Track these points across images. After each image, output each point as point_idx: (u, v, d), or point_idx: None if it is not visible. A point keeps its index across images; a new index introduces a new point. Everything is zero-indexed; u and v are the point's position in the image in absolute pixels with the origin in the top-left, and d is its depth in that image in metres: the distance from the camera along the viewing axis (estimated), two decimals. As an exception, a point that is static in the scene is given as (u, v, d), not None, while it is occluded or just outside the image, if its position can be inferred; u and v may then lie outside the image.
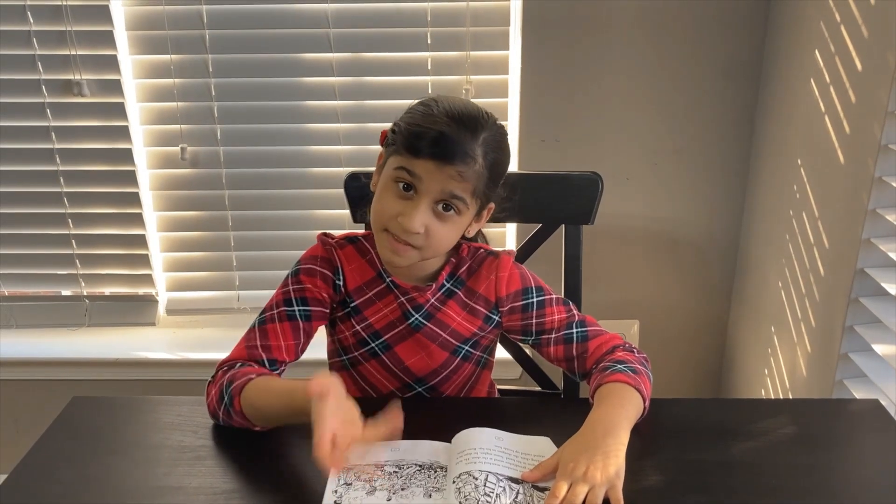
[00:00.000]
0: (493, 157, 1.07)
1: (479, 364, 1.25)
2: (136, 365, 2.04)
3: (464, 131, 1.04)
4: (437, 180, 1.04)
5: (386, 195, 1.08)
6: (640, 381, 1.07)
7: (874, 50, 1.33)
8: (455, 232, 1.11)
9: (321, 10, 1.83)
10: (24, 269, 2.07)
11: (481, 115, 1.08)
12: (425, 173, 1.04)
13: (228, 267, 2.06)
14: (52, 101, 1.90)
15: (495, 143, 1.08)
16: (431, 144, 1.03)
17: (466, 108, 1.08)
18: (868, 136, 1.34)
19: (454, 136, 1.04)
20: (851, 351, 1.43)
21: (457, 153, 1.03)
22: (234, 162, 1.96)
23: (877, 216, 1.34)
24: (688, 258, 2.00)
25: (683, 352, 2.09)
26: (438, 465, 1.00)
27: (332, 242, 1.20)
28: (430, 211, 1.06)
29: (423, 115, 1.06)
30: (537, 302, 1.18)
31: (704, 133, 1.88)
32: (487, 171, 1.07)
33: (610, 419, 1.00)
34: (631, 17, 1.78)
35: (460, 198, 1.06)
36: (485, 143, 1.06)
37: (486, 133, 1.06)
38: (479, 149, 1.05)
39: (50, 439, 1.08)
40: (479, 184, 1.07)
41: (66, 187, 1.97)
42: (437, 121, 1.04)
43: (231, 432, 1.09)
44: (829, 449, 1.06)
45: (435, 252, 1.11)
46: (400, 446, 1.03)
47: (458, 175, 1.04)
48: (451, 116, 1.05)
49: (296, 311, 1.16)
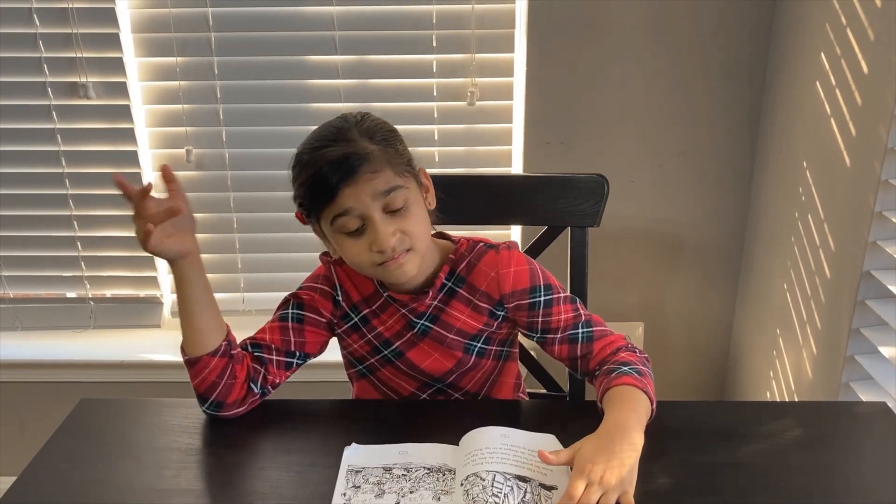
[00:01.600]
0: (380, 136, 1.08)
1: (500, 358, 1.25)
2: (141, 367, 2.04)
3: (340, 144, 1.05)
4: (363, 195, 1.04)
5: (346, 245, 1.09)
6: (646, 384, 1.07)
7: (880, 52, 1.34)
8: (420, 215, 1.10)
9: (327, 13, 1.83)
10: (30, 271, 2.07)
11: (338, 121, 1.09)
12: (351, 200, 1.04)
13: (233, 269, 2.06)
14: (57, 103, 1.90)
15: (368, 126, 1.08)
16: (331, 175, 1.03)
17: (323, 130, 1.09)
18: (874, 139, 1.34)
19: (338, 154, 1.04)
20: (857, 353, 1.43)
21: (352, 161, 1.03)
22: (240, 164, 1.96)
23: (883, 219, 1.34)
24: (692, 260, 2.00)
25: (688, 354, 2.09)
26: (447, 468, 1.00)
27: (331, 261, 1.21)
28: (386, 220, 1.06)
29: (303, 168, 1.06)
30: (545, 301, 1.17)
31: (709, 135, 1.88)
32: (386, 147, 1.07)
33: (626, 423, 1.00)
34: (636, 19, 1.78)
35: (392, 188, 1.06)
36: (361, 133, 1.06)
37: (355, 126, 1.07)
38: (363, 141, 1.05)
39: (58, 441, 1.08)
40: (392, 165, 1.06)
41: (72, 189, 1.97)
42: (316, 159, 1.05)
43: (241, 435, 1.09)
44: (837, 451, 1.06)
45: (425, 242, 1.12)
46: (408, 449, 1.04)
47: (372, 174, 1.04)
48: (320, 147, 1.05)
49: (289, 313, 1.19)
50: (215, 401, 1.10)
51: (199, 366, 1.09)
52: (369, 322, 1.19)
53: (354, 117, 1.10)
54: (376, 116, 1.12)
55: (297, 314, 1.18)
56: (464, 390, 1.23)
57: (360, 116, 1.10)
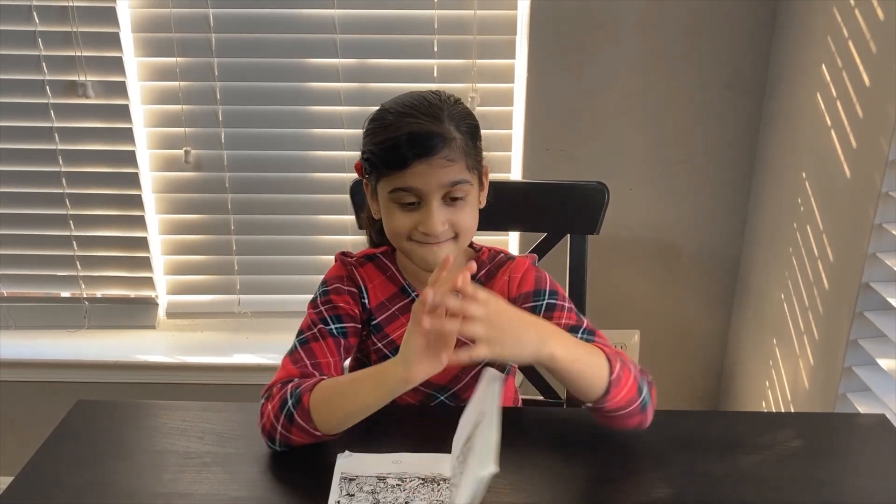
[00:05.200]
0: (466, 125, 1.07)
1: (504, 370, 1.24)
2: (136, 368, 2.03)
3: (429, 119, 1.03)
4: (432, 178, 1.03)
5: (394, 215, 1.07)
6: (621, 364, 1.01)
7: (882, 65, 1.34)
8: (473, 211, 1.10)
9: (328, 16, 1.83)
10: (24, 269, 2.06)
11: (432, 95, 1.07)
12: (418, 179, 1.03)
13: (230, 271, 2.05)
14: (56, 101, 1.89)
15: (459, 112, 1.07)
16: (409, 148, 1.02)
17: (416, 99, 1.07)
18: (875, 151, 1.34)
19: (425, 129, 1.03)
20: (855, 365, 1.43)
21: (435, 142, 1.02)
22: (238, 166, 1.96)
23: (883, 231, 1.35)
24: (690, 269, 2.00)
25: (684, 362, 2.09)
26: (441, 478, 0.99)
27: (352, 261, 1.19)
28: (442, 207, 1.05)
29: (385, 128, 1.05)
30: (547, 304, 1.15)
31: (708, 144, 1.88)
32: (468, 140, 1.07)
33: (557, 331, 0.99)
34: (637, 27, 1.78)
35: (460, 181, 1.05)
36: (451, 118, 1.05)
37: (447, 108, 1.06)
38: (450, 126, 1.04)
39: (54, 443, 1.08)
40: (467, 157, 1.06)
41: (69, 188, 1.96)
42: (400, 125, 1.03)
43: (238, 439, 1.08)
44: (835, 463, 1.06)
45: (469, 237, 1.12)
46: (402, 459, 1.03)
47: (448, 161, 1.03)
48: (409, 114, 1.04)
49: (333, 329, 1.13)
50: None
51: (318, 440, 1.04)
52: (382, 329, 1.18)
53: (449, 98, 1.08)
54: (465, 105, 1.10)
55: (341, 328, 1.14)
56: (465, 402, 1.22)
57: (454, 100, 1.09)
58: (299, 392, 1.02)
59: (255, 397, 1.08)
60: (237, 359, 2.03)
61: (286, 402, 1.02)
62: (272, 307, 2.09)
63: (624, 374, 1.02)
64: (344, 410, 1.01)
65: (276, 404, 1.03)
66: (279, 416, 1.02)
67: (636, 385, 1.03)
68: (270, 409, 1.03)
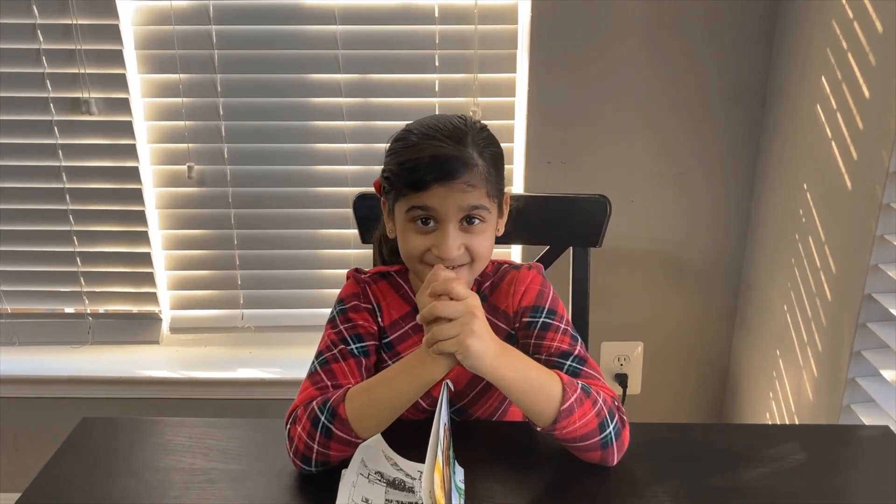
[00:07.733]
0: (489, 153, 1.07)
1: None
2: (140, 383, 2.03)
3: (452, 143, 1.03)
4: (451, 201, 1.03)
5: (409, 235, 1.07)
6: (580, 397, 0.99)
7: (882, 77, 1.35)
8: (489, 237, 1.10)
9: (330, 32, 1.84)
10: (28, 286, 2.07)
11: (458, 120, 1.07)
12: (437, 201, 1.03)
13: (233, 286, 2.06)
14: (59, 118, 1.90)
15: (484, 138, 1.07)
16: (430, 171, 1.02)
17: (440, 121, 1.06)
18: (876, 163, 1.35)
19: (447, 153, 1.02)
20: (859, 376, 1.44)
21: (457, 167, 1.02)
22: (241, 181, 1.96)
23: (885, 242, 1.35)
24: (691, 281, 2.00)
25: (687, 374, 2.09)
26: None
27: (366, 279, 1.19)
28: (458, 232, 1.05)
29: (407, 149, 1.05)
30: (542, 323, 1.13)
31: (709, 156, 1.89)
32: (491, 167, 1.06)
33: (513, 351, 1.00)
34: (637, 40, 1.79)
35: (480, 206, 1.05)
36: (475, 143, 1.05)
37: (472, 133, 1.05)
38: (473, 152, 1.04)
39: (60, 461, 1.08)
40: (488, 184, 1.06)
41: (73, 205, 1.97)
42: (423, 147, 1.03)
43: (243, 455, 1.08)
44: (840, 476, 1.06)
45: (484, 263, 1.11)
46: (402, 465, 1.04)
47: (468, 186, 1.03)
48: (432, 136, 1.04)
49: (354, 349, 1.12)
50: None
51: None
52: (394, 348, 1.17)
53: (475, 124, 1.08)
54: (491, 132, 1.11)
55: (362, 348, 1.13)
56: (474, 418, 1.21)
57: (480, 126, 1.09)
58: (332, 405, 1.01)
59: (259, 412, 1.08)
60: (241, 373, 2.03)
61: (318, 420, 1.00)
62: (276, 321, 2.09)
63: (581, 407, 0.99)
64: (385, 412, 1.01)
65: (306, 424, 1.01)
66: (314, 435, 1.00)
67: (597, 421, 1.00)
68: (301, 431, 1.01)
